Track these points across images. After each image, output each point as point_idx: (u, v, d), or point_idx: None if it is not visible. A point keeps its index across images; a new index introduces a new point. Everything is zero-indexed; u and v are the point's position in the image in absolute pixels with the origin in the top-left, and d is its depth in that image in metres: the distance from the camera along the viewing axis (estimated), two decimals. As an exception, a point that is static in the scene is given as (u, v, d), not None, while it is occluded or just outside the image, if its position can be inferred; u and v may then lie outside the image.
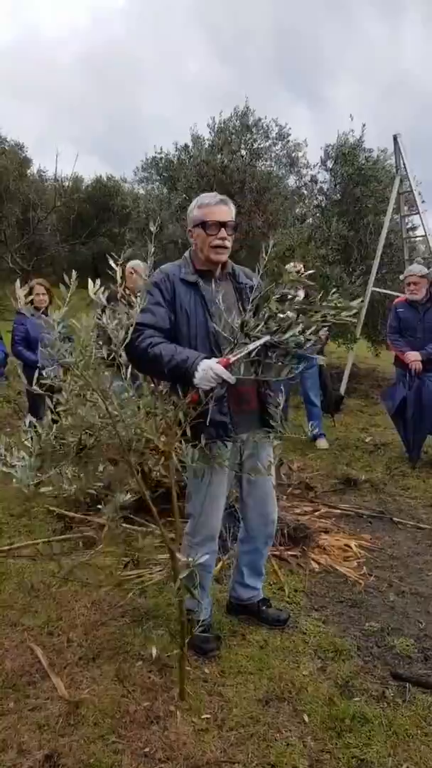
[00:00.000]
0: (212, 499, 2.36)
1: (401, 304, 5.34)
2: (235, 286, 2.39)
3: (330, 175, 9.03)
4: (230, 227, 2.30)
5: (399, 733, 2.05)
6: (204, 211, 2.29)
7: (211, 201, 2.30)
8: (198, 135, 9.68)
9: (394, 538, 3.74)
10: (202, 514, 2.38)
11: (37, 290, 5.01)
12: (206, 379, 1.99)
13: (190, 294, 2.28)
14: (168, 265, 2.38)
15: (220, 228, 2.26)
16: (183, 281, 2.30)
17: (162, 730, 2.01)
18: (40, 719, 2.05)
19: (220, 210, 2.28)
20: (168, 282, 2.29)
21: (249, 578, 2.65)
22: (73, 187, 18.84)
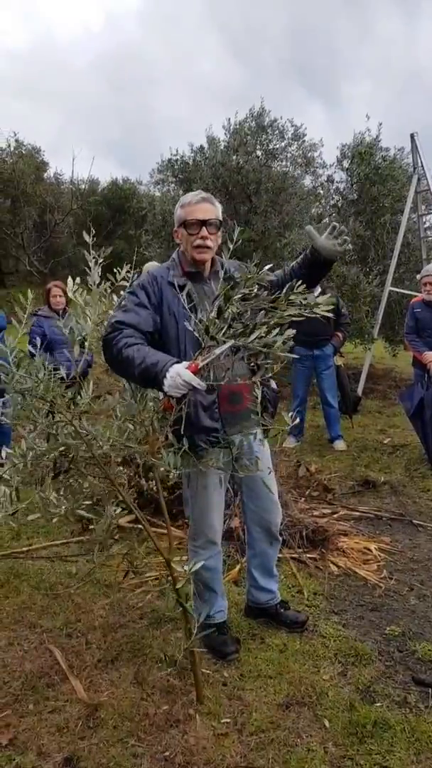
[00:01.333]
0: (208, 502, 2.34)
1: (418, 304, 5.28)
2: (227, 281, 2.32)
3: (346, 174, 8.97)
4: (213, 225, 2.23)
5: (422, 739, 2.01)
6: (186, 210, 2.24)
7: (192, 200, 2.24)
8: (213, 136, 9.67)
9: (414, 540, 3.69)
10: (201, 517, 2.37)
11: (54, 292, 5.03)
12: (175, 386, 1.88)
13: (177, 296, 2.21)
14: (154, 268, 2.34)
15: (201, 227, 2.20)
16: (171, 284, 2.24)
17: (181, 734, 2.00)
18: (60, 721, 2.05)
19: (202, 208, 2.22)
20: (156, 285, 2.23)
21: (262, 580, 2.62)
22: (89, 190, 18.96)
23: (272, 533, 2.55)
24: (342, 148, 8.93)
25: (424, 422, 5.11)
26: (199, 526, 2.39)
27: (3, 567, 3.18)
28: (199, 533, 2.40)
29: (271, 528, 2.53)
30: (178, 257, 2.34)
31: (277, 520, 2.53)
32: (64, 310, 5.02)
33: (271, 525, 2.53)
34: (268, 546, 2.57)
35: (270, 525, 2.52)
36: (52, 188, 17.46)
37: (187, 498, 2.39)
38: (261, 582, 2.62)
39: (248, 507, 2.52)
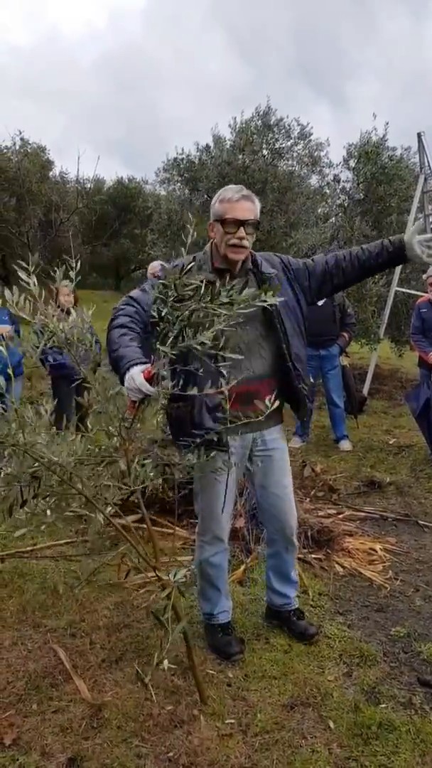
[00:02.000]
0: (218, 498, 2.31)
1: (424, 304, 5.26)
2: (258, 281, 2.25)
3: (353, 174, 8.94)
4: (251, 225, 2.15)
5: (427, 740, 2.00)
6: (224, 206, 2.15)
7: (233, 196, 2.15)
8: (219, 135, 9.68)
9: (420, 541, 3.68)
10: (209, 513, 2.36)
11: (63, 291, 5.03)
12: (131, 389, 1.85)
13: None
14: (186, 260, 2.21)
15: (239, 227, 2.12)
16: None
17: (186, 734, 2.00)
18: (64, 722, 2.05)
19: (241, 207, 2.14)
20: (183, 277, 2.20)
21: (277, 583, 2.59)
22: (94, 189, 18.99)
23: (287, 536, 2.49)
24: (348, 147, 8.91)
25: (430, 423, 5.09)
26: (206, 522, 2.39)
27: (7, 566, 3.18)
28: (206, 529, 2.40)
29: (286, 530, 2.47)
30: (211, 250, 2.26)
31: (291, 523, 2.47)
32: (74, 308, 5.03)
33: (285, 527, 2.46)
34: (284, 550, 2.53)
35: (284, 527, 2.46)
36: (57, 187, 17.49)
37: (197, 492, 2.39)
38: (276, 585, 2.59)
39: (262, 507, 2.49)
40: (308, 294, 2.35)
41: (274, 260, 2.35)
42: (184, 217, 9.09)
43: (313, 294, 2.37)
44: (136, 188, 19.41)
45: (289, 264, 2.35)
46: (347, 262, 2.29)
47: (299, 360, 2.30)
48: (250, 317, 2.15)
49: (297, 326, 2.31)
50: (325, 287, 2.36)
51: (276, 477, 2.40)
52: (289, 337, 2.25)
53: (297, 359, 2.29)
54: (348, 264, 2.29)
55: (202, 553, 2.43)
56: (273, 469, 2.39)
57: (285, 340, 2.25)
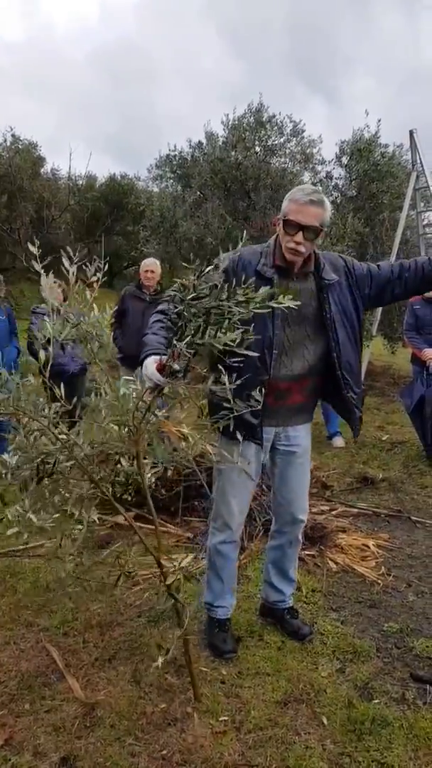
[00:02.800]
0: (232, 484, 2.34)
1: (417, 302, 5.27)
2: (317, 284, 2.21)
3: (345, 171, 8.97)
4: (311, 231, 2.08)
5: (420, 735, 2.01)
6: (291, 206, 2.10)
7: (301, 198, 2.08)
8: (212, 132, 9.66)
9: (412, 537, 3.69)
10: (222, 498, 2.38)
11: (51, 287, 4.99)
12: (146, 376, 1.86)
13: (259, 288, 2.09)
14: (248, 250, 2.20)
15: (299, 231, 2.06)
16: (258, 273, 2.12)
17: (179, 732, 1.99)
18: (56, 721, 2.04)
19: (307, 211, 2.06)
20: (239, 265, 2.13)
21: (275, 578, 2.59)
22: (86, 186, 18.87)
23: (294, 531, 2.52)
24: (341, 144, 8.93)
25: (423, 419, 5.11)
26: (218, 507, 2.41)
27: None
28: (218, 513, 2.42)
29: (295, 526, 2.49)
30: (275, 245, 2.20)
31: (302, 518, 2.49)
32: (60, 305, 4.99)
33: (296, 522, 2.49)
34: (287, 545, 2.55)
35: (295, 521, 2.49)
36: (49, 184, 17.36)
37: (215, 477, 2.41)
38: (274, 580, 2.60)
39: (277, 499, 2.51)
40: (366, 300, 2.29)
41: (338, 264, 2.27)
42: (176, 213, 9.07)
43: (371, 302, 2.32)
44: (128, 185, 19.30)
45: (353, 268, 2.27)
46: (411, 271, 2.23)
47: (350, 369, 2.26)
48: (301, 318, 2.17)
49: (352, 334, 2.25)
50: (385, 296, 2.30)
51: (295, 472, 2.42)
52: (341, 346, 2.21)
53: (348, 368, 2.25)
54: (411, 273, 2.23)
55: (212, 538, 2.46)
56: (294, 464, 2.40)
57: (336, 348, 2.21)
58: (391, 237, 8.23)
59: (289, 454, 2.39)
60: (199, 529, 3.57)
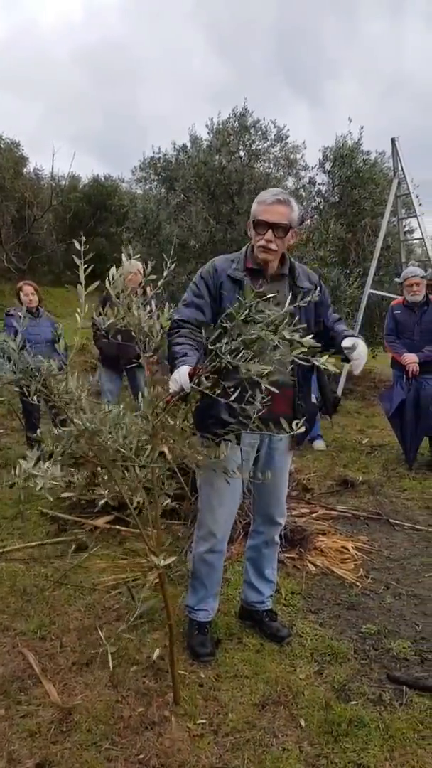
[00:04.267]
0: (218, 494, 2.34)
1: (398, 306, 5.33)
2: (291, 289, 2.28)
3: (328, 177, 9.03)
4: (280, 229, 2.18)
5: (396, 736, 2.02)
6: (258, 208, 2.20)
7: (267, 198, 2.19)
8: (196, 135, 9.67)
9: (391, 539, 3.72)
10: (207, 507, 2.38)
11: (26, 290, 4.96)
12: (173, 379, 1.95)
13: (233, 292, 2.20)
14: (221, 258, 2.32)
15: (268, 229, 2.17)
16: (230, 277, 2.23)
17: (157, 736, 1.98)
18: (32, 726, 2.02)
19: (274, 210, 2.17)
20: (215, 276, 2.24)
21: (254, 578, 2.61)
22: (69, 186, 18.78)
23: (272, 534, 2.54)
24: (324, 150, 9.00)
25: (403, 423, 5.16)
26: (203, 515, 2.41)
27: (-23, 568, 3.12)
28: (203, 522, 2.41)
29: (272, 525, 2.53)
30: (246, 251, 2.31)
31: (279, 519, 2.53)
32: (37, 308, 4.96)
33: (273, 522, 2.52)
34: (263, 545, 2.57)
35: (272, 521, 2.52)
36: (31, 184, 17.24)
37: (200, 486, 2.42)
38: (252, 579, 2.61)
39: (255, 498, 2.54)
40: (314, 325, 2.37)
41: (313, 278, 2.39)
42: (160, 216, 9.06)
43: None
44: (112, 186, 19.25)
45: (323, 290, 2.38)
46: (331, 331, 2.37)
47: (306, 378, 2.36)
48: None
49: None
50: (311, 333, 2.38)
51: (274, 475, 2.40)
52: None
53: (303, 375, 2.34)
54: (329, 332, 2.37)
55: (197, 547, 2.46)
56: (273, 467, 2.40)
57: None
58: (372, 243, 8.31)
59: (269, 457, 2.40)
60: (179, 532, 3.56)
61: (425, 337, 5.08)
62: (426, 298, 5.15)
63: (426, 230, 8.02)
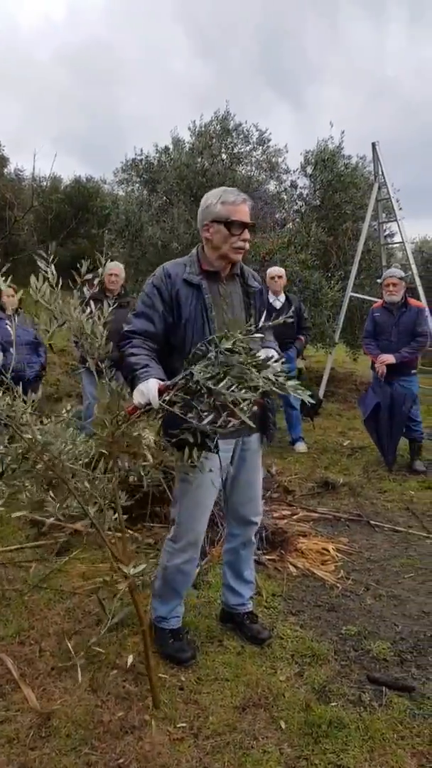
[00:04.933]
0: (198, 504, 2.32)
1: (378, 309, 5.39)
2: (243, 289, 2.31)
3: (309, 180, 9.10)
4: (251, 228, 2.22)
5: (375, 737, 2.04)
6: (229, 209, 2.17)
7: (237, 199, 2.19)
8: (179, 138, 9.69)
9: (371, 540, 3.75)
10: (188, 519, 2.33)
11: (6, 292, 4.92)
12: (139, 392, 1.93)
13: (191, 297, 2.19)
14: (171, 264, 2.27)
15: (244, 229, 2.18)
16: (185, 282, 2.20)
17: (136, 740, 1.97)
18: (10, 732, 1.99)
19: (245, 210, 2.19)
20: (169, 282, 2.19)
21: (233, 581, 2.59)
22: (51, 187, 18.65)
23: (248, 535, 2.53)
24: (306, 154, 9.06)
25: (379, 426, 5.20)
26: (183, 528, 2.34)
27: None
28: (182, 535, 2.34)
29: (249, 529, 2.52)
30: (198, 254, 2.28)
31: (255, 519, 2.52)
32: (16, 310, 4.91)
33: (249, 522, 2.51)
34: (241, 547, 2.55)
35: (248, 522, 2.51)
36: (12, 184, 17.09)
37: (177, 497, 2.34)
38: (231, 582, 2.60)
39: (230, 501, 2.50)
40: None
41: (257, 277, 2.41)
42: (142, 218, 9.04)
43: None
44: (93, 188, 19.17)
45: (262, 293, 2.44)
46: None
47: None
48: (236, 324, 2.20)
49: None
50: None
51: (247, 475, 2.42)
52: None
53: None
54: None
55: (171, 558, 2.37)
56: (246, 467, 2.41)
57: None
58: (353, 246, 8.39)
59: (241, 459, 2.40)
60: (160, 535, 3.55)
61: (402, 339, 5.13)
62: (404, 300, 5.21)
63: (406, 234, 8.14)
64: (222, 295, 2.24)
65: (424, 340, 5.12)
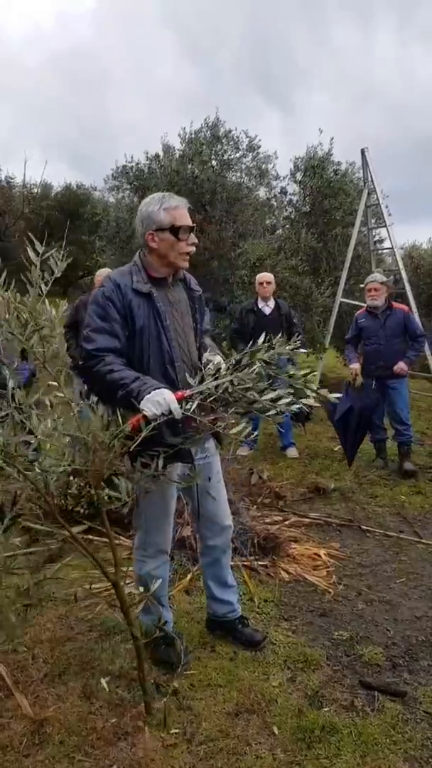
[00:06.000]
0: (164, 511, 2.33)
1: (362, 315, 5.46)
2: (188, 294, 2.33)
3: (299, 187, 9.15)
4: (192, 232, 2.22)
5: (368, 742, 2.05)
6: (173, 214, 2.15)
7: (179, 204, 2.17)
8: (169, 144, 9.72)
9: (362, 546, 3.77)
10: (156, 526, 2.34)
11: None
12: (153, 402, 1.89)
13: (143, 306, 2.13)
14: (116, 274, 2.20)
15: (190, 233, 2.18)
16: (135, 291, 2.13)
17: (130, 746, 1.97)
18: (3, 739, 1.99)
19: (187, 214, 2.19)
20: (120, 293, 2.12)
21: (218, 591, 2.58)
22: (41, 194, 18.65)
23: (224, 540, 2.51)
24: (295, 160, 9.12)
25: (347, 427, 5.23)
26: (151, 535, 2.35)
27: None
28: (151, 542, 2.36)
29: (224, 534, 2.50)
30: (142, 262, 2.22)
31: (228, 523, 2.51)
32: None
33: (224, 529, 2.49)
34: (222, 555, 2.54)
35: (223, 529, 2.49)
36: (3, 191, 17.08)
37: (142, 507, 2.30)
38: (217, 593, 2.58)
39: (202, 513, 2.47)
40: None
41: (195, 282, 2.41)
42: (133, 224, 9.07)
43: None
44: (84, 195, 19.20)
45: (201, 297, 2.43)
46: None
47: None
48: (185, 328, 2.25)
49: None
50: None
51: (214, 482, 2.43)
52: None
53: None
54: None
55: (143, 567, 2.37)
56: (212, 474, 2.42)
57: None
58: (343, 252, 8.44)
59: (207, 466, 2.39)
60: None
61: (391, 341, 5.20)
62: (388, 303, 5.28)
63: (395, 240, 8.21)
64: (171, 302, 2.24)
65: (424, 339, 5.23)
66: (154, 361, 2.14)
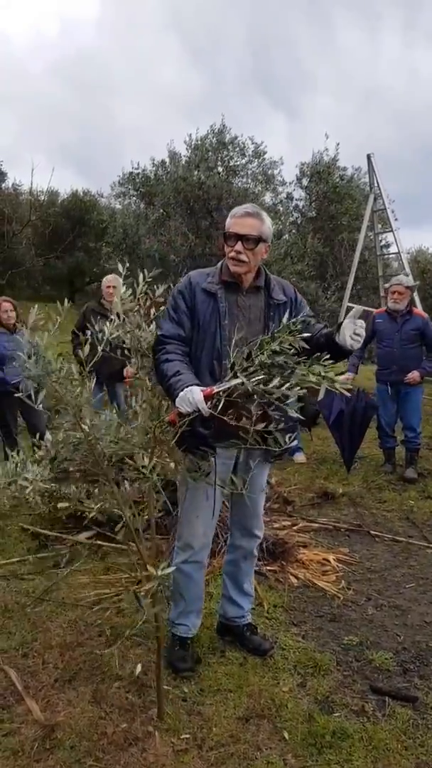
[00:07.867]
0: (195, 507, 2.35)
1: (380, 315, 5.40)
2: (266, 302, 2.34)
3: (305, 192, 9.20)
4: (250, 241, 2.23)
5: (379, 747, 2.04)
6: (230, 222, 2.29)
7: (237, 212, 2.28)
8: (175, 151, 9.81)
9: (371, 551, 3.76)
10: (185, 520, 2.39)
11: (5, 307, 4.93)
12: (184, 400, 1.98)
13: (207, 304, 2.27)
14: (196, 272, 2.37)
15: (238, 240, 2.23)
16: (204, 290, 2.28)
17: (140, 751, 1.97)
18: (15, 745, 1.99)
19: (243, 222, 2.25)
20: (190, 289, 2.29)
21: (233, 591, 2.60)
22: (48, 201, 18.78)
23: (250, 548, 2.55)
24: (301, 166, 9.18)
25: (342, 431, 5.23)
26: (182, 527, 2.42)
27: None
28: (181, 534, 2.43)
29: (251, 542, 2.54)
30: (222, 265, 2.36)
31: (257, 533, 2.55)
32: (14, 325, 4.91)
33: (252, 538, 2.54)
34: (242, 559, 2.57)
35: (251, 538, 2.54)
36: (10, 198, 17.22)
37: (179, 498, 2.42)
38: (231, 593, 2.60)
39: (233, 512, 2.56)
40: None
41: (288, 290, 2.41)
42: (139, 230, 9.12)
43: None
44: (91, 201, 19.32)
45: (299, 303, 2.42)
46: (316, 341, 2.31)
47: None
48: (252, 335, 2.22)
49: None
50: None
51: (252, 483, 2.40)
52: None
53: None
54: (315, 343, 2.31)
55: (175, 557, 2.46)
56: (251, 478, 2.39)
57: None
58: (349, 257, 8.47)
59: (246, 469, 2.40)
60: (162, 546, 3.55)
61: (404, 346, 5.17)
62: (408, 308, 5.24)
63: (401, 244, 8.21)
64: (240, 307, 2.30)
65: None
66: (205, 355, 2.25)
